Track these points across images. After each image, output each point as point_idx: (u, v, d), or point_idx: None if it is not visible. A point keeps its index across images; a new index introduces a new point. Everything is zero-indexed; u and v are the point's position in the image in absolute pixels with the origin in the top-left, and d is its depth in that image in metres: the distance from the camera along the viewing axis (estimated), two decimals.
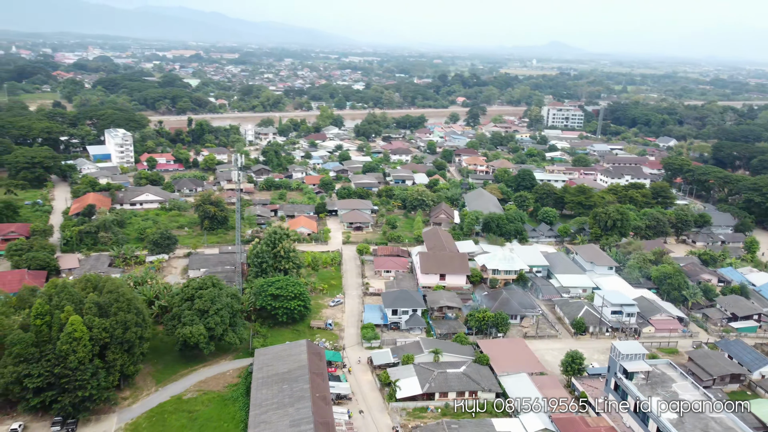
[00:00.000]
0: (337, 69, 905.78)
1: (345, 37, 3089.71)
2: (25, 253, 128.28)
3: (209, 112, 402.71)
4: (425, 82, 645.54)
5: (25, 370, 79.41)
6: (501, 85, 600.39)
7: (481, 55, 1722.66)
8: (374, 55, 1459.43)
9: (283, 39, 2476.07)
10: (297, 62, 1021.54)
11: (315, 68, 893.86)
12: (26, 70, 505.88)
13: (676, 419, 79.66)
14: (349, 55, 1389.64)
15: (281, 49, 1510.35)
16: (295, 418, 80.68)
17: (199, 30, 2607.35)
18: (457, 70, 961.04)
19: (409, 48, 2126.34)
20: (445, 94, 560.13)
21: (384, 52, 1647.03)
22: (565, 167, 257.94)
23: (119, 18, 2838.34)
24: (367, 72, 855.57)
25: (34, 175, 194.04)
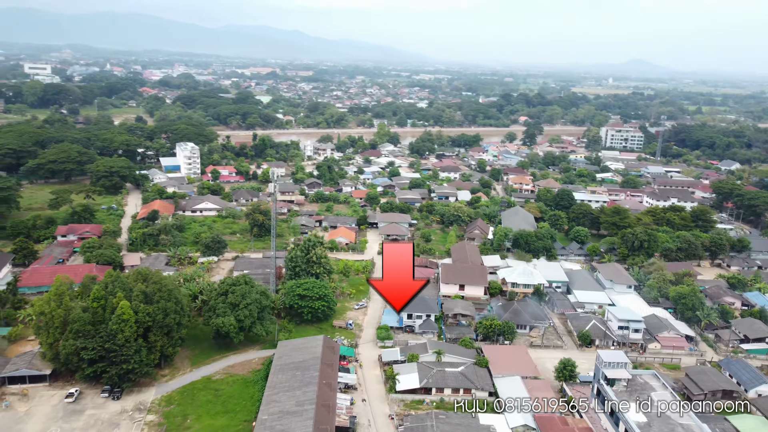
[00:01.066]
0: (406, 87, 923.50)
1: (420, 54, 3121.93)
2: (96, 250, 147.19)
3: (276, 128, 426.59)
4: (490, 101, 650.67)
5: (82, 344, 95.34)
6: (566, 105, 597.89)
7: (556, 73, 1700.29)
8: (446, 73, 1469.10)
9: (359, 56, 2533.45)
10: (368, 80, 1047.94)
11: (384, 86, 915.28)
12: (116, 86, 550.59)
13: (645, 423, 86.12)
14: (420, 73, 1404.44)
15: (355, 67, 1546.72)
16: (300, 399, 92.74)
17: (279, 48, 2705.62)
18: (527, 88, 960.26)
19: (483, 66, 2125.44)
20: (508, 113, 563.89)
21: (457, 70, 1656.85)
22: (609, 188, 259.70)
23: (206, 36, 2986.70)
24: (434, 90, 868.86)
25: (111, 183, 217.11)
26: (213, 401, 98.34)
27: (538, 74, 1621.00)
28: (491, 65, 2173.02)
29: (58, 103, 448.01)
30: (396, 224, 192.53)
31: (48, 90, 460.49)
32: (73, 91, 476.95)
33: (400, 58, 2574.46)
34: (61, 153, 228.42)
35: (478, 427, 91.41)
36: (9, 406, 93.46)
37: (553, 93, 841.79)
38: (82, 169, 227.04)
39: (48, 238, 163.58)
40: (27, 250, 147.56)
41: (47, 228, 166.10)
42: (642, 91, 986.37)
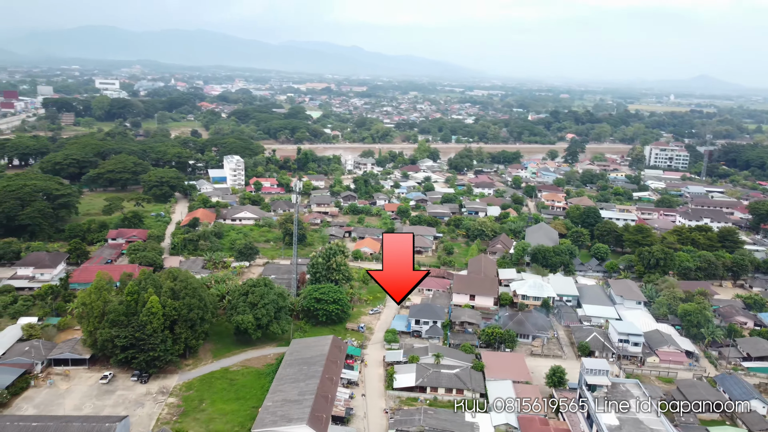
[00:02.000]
0: (458, 102, 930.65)
1: (478, 69, 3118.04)
2: (140, 253, 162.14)
3: (323, 142, 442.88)
4: (538, 117, 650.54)
5: (116, 333, 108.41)
6: (615, 123, 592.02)
7: (616, 90, 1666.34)
8: (501, 89, 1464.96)
9: (416, 72, 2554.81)
10: (420, 96, 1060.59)
11: (435, 102, 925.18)
12: (176, 101, 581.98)
13: (616, 426, 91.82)
14: (474, 89, 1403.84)
15: (409, 82, 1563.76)
16: (303, 390, 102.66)
17: (338, 63, 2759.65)
18: (582, 105, 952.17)
19: (541, 81, 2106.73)
20: (555, 131, 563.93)
21: (513, 86, 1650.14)
22: (642, 207, 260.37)
23: (268, 52, 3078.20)
24: (485, 106, 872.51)
25: (161, 192, 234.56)
26: (227, 389, 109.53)
27: (596, 90, 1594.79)
28: (550, 81, 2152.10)
29: (123, 116, 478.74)
30: (421, 236, 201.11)
31: (114, 104, 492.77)
32: (136, 105, 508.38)
33: (456, 74, 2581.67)
34: (119, 163, 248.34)
35: (462, 423, 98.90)
36: (53, 384, 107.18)
37: (608, 110, 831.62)
38: (137, 179, 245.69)
39: (100, 240, 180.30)
40: (80, 251, 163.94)
41: (100, 231, 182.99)
42: (702, 108, 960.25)
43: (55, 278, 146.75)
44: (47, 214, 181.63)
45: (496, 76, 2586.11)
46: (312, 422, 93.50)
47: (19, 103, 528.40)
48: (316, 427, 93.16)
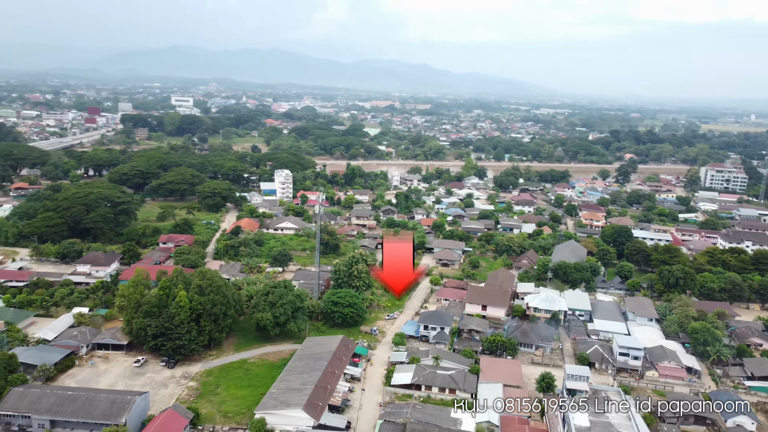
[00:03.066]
0: (520, 121, 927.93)
1: (548, 87, 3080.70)
2: (185, 256, 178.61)
3: (377, 159, 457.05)
4: (598, 137, 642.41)
5: (149, 322, 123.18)
6: (678, 143, 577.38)
7: (692, 108, 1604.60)
8: (569, 107, 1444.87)
9: (484, 89, 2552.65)
10: (483, 113, 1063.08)
11: (497, 120, 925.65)
12: (243, 118, 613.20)
13: (586, 427, 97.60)
14: (541, 107, 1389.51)
15: (474, 100, 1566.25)
16: (305, 381, 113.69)
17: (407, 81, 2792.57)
18: (652, 124, 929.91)
19: (613, 100, 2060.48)
20: (614, 150, 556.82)
21: (583, 104, 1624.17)
22: (684, 229, 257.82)
23: (339, 70, 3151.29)
24: (547, 125, 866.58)
25: (213, 202, 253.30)
26: (242, 377, 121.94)
27: (671, 110, 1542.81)
28: (623, 100, 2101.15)
29: (192, 131, 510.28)
30: (449, 250, 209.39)
31: (184, 120, 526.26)
32: (204, 121, 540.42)
33: (526, 92, 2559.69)
34: (178, 175, 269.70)
35: (446, 419, 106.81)
36: (94, 364, 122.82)
37: (678, 130, 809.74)
38: (193, 190, 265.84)
39: (153, 244, 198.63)
40: (133, 252, 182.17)
41: (153, 236, 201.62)
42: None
43: (108, 275, 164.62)
44: (108, 218, 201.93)
45: (566, 94, 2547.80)
46: (307, 408, 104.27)
47: (101, 118, 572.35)
48: (311, 412, 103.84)
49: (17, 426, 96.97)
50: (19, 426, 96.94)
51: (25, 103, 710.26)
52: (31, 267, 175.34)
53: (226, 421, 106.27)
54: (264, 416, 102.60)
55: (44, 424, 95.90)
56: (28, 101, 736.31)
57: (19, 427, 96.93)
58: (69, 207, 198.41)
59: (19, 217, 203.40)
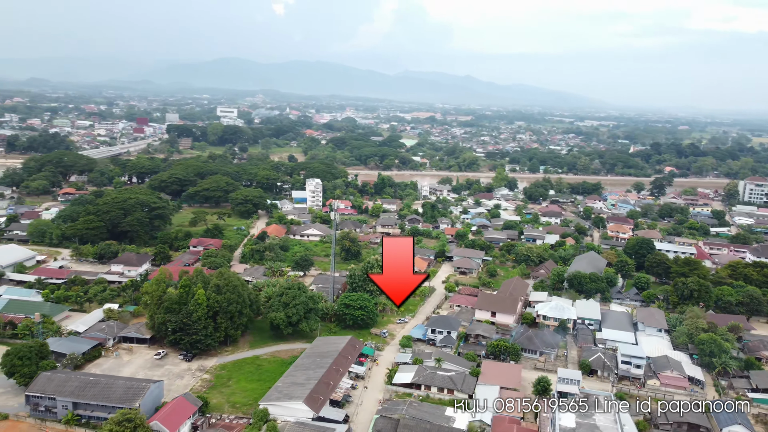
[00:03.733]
0: (561, 133, 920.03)
1: (596, 99, 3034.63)
2: (211, 258, 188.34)
3: (410, 169, 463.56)
4: (639, 149, 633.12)
5: (169, 317, 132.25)
6: (722, 156, 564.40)
7: (748, 121, 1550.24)
8: (616, 119, 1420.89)
9: (529, 101, 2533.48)
10: (524, 125, 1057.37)
11: (538, 132, 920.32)
12: (283, 128, 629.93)
13: (571, 428, 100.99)
14: (585, 119, 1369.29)
15: (517, 112, 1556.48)
16: (310, 376, 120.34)
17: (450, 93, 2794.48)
18: (700, 137, 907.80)
19: (663, 112, 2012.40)
20: (654, 163, 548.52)
21: (631, 116, 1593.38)
22: (712, 242, 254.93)
23: (384, 82, 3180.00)
24: (589, 137, 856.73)
25: (245, 209, 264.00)
26: (253, 372, 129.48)
27: (723, 122, 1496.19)
28: (673, 112, 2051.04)
29: (233, 141, 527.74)
30: (468, 258, 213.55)
31: (226, 131, 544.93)
32: (245, 132, 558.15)
33: (572, 104, 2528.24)
34: (213, 183, 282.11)
35: (440, 416, 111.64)
36: (119, 356, 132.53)
37: (728, 143, 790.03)
38: (227, 197, 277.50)
39: (184, 247, 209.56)
40: (164, 254, 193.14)
41: (185, 240, 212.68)
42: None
43: (139, 275, 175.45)
44: (144, 222, 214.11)
45: (614, 106, 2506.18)
46: (308, 401, 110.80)
47: (148, 128, 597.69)
48: (311, 405, 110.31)
49: (44, 407, 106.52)
50: (45, 407, 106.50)
51: (80, 113, 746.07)
52: (70, 266, 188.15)
53: (233, 411, 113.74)
54: (267, 407, 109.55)
55: (67, 406, 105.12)
56: (83, 112, 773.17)
57: (45, 408, 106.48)
58: (108, 211, 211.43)
59: (63, 220, 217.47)
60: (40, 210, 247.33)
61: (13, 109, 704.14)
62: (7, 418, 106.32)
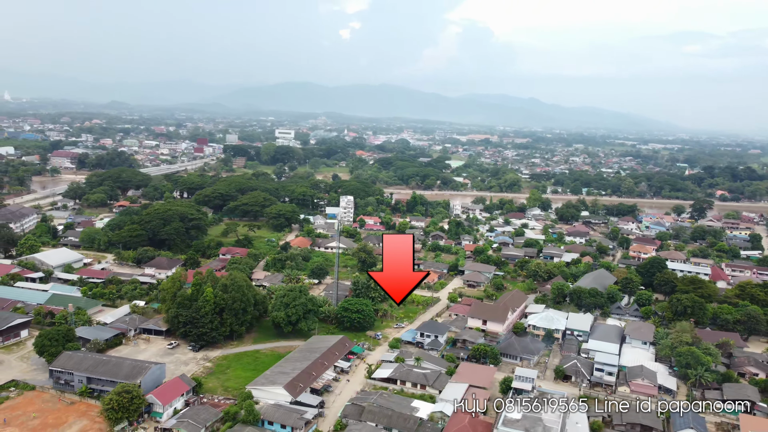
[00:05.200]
0: (618, 156, 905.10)
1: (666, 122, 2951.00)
2: (235, 265, 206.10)
3: (451, 189, 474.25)
4: (692, 173, 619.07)
5: (180, 312, 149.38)
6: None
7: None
8: (683, 143, 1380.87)
9: (595, 123, 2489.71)
10: (582, 147, 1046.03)
11: (593, 155, 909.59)
12: (333, 149, 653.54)
13: (516, 420, 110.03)
14: (650, 142, 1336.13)
15: (578, 135, 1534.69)
16: (296, 367, 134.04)
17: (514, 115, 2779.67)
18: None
19: (736, 135, 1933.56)
20: (706, 187, 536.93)
21: (701, 139, 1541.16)
22: (735, 265, 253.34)
23: (446, 105, 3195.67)
24: (646, 160, 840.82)
25: (278, 223, 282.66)
26: (251, 363, 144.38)
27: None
28: (750, 135, 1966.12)
29: (284, 161, 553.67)
30: (479, 272, 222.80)
31: (278, 151, 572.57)
32: (297, 152, 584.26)
33: (639, 126, 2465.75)
34: (252, 198, 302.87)
35: (405, 406, 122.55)
36: (137, 344, 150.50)
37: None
38: (264, 212, 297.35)
39: (215, 255, 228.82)
40: (193, 260, 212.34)
41: (216, 248, 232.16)
42: None
43: (167, 277, 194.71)
44: (180, 232, 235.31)
45: (684, 129, 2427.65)
46: (288, 387, 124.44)
47: (208, 148, 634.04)
48: (290, 391, 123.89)
49: (63, 380, 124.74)
50: (65, 380, 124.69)
51: (149, 134, 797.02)
52: (111, 268, 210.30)
53: (225, 393, 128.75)
54: (252, 390, 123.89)
55: (82, 380, 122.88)
56: (153, 133, 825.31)
57: (65, 381, 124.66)
58: (149, 221, 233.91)
59: (111, 228, 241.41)
60: (95, 220, 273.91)
61: (89, 130, 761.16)
62: (34, 388, 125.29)
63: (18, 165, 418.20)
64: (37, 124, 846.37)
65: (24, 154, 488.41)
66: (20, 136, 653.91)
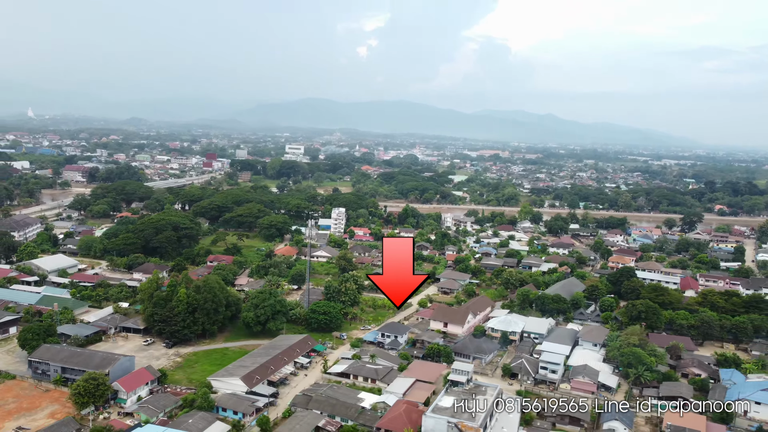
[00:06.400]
0: (625, 172, 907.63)
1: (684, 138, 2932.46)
2: (219, 271, 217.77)
3: (449, 203, 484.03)
4: (693, 188, 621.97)
5: (155, 311, 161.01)
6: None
7: None
8: (698, 158, 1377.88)
9: (611, 140, 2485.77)
10: (592, 163, 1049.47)
11: (602, 170, 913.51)
12: (338, 164, 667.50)
13: (447, 407, 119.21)
14: (663, 158, 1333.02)
15: (592, 151, 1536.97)
16: (255, 361, 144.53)
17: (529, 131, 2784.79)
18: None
19: (756, 151, 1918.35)
20: (706, 201, 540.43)
21: (718, 156, 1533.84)
22: (708, 275, 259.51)
23: (461, 120, 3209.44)
24: (653, 176, 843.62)
25: (269, 233, 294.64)
26: (218, 359, 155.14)
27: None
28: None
29: (289, 175, 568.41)
30: (453, 280, 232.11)
31: (283, 165, 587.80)
32: (302, 166, 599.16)
33: (656, 142, 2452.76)
34: (247, 210, 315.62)
35: (351, 397, 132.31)
36: (115, 341, 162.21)
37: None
38: (257, 223, 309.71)
39: (203, 263, 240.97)
40: (180, 266, 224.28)
41: (204, 256, 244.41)
42: None
43: None
44: (172, 240, 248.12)
45: (703, 145, 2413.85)
46: (245, 378, 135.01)
47: (217, 163, 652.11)
48: (246, 382, 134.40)
49: (41, 370, 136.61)
50: (42, 370, 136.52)
51: (163, 150, 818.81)
52: (104, 274, 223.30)
53: (188, 384, 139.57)
54: (212, 381, 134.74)
55: (57, 370, 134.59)
56: (166, 148, 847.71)
57: (42, 371, 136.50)
58: (143, 230, 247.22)
59: (107, 237, 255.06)
60: (95, 229, 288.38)
61: (104, 145, 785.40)
62: (15, 377, 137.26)
63: (29, 178, 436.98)
64: (55, 140, 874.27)
65: (38, 168, 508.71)
66: (38, 151, 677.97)
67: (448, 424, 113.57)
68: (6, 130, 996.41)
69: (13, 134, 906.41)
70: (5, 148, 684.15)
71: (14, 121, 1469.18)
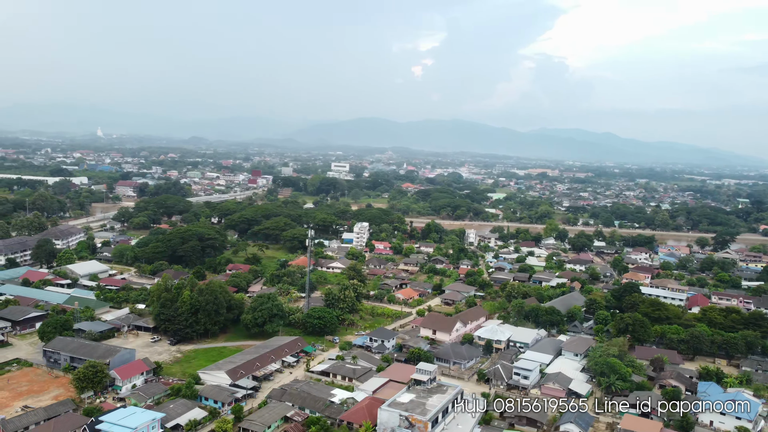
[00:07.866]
0: (678, 191, 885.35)
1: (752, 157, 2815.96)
2: (234, 278, 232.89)
3: (481, 220, 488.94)
4: (741, 207, 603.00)
5: (162, 311, 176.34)
6: None
7: None
8: (763, 178, 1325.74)
9: (673, 159, 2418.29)
10: (644, 182, 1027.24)
11: (652, 189, 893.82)
12: (378, 182, 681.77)
13: (404, 402, 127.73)
14: (724, 178, 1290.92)
15: (648, 170, 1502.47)
16: (243, 359, 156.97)
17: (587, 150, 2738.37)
18: None
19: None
20: (752, 221, 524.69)
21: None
22: (725, 294, 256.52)
23: (517, 139, 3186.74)
24: (704, 195, 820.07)
25: (292, 245, 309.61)
26: (215, 356, 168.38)
27: None
28: None
29: (328, 192, 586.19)
30: (457, 292, 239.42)
31: (323, 182, 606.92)
32: (341, 183, 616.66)
33: (721, 162, 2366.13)
34: (274, 223, 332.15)
35: (324, 392, 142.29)
36: (126, 338, 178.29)
37: None
38: (282, 235, 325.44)
39: (223, 271, 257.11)
40: (199, 273, 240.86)
41: (225, 264, 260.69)
42: None
43: None
44: (196, 249, 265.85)
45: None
46: (230, 372, 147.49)
47: (261, 180, 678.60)
48: (231, 375, 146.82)
49: (53, 359, 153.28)
50: (54, 359, 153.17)
51: (215, 167, 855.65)
52: (131, 279, 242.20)
53: (182, 376, 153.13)
54: (200, 374, 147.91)
55: (67, 359, 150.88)
56: (219, 165, 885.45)
57: (54, 360, 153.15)
58: (171, 239, 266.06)
59: (139, 246, 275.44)
60: (131, 239, 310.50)
61: (161, 162, 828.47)
62: (32, 365, 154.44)
63: (82, 192, 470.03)
64: (117, 157, 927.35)
65: (94, 184, 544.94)
66: (98, 167, 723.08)
67: (400, 416, 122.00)
68: (75, 148, 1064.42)
69: (80, 152, 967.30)
70: (70, 165, 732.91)
71: (85, 140, 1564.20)
